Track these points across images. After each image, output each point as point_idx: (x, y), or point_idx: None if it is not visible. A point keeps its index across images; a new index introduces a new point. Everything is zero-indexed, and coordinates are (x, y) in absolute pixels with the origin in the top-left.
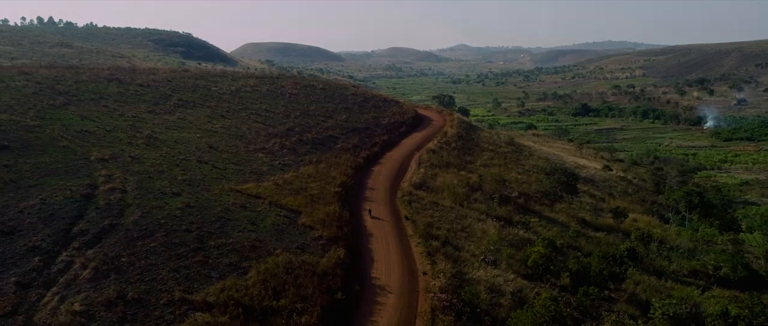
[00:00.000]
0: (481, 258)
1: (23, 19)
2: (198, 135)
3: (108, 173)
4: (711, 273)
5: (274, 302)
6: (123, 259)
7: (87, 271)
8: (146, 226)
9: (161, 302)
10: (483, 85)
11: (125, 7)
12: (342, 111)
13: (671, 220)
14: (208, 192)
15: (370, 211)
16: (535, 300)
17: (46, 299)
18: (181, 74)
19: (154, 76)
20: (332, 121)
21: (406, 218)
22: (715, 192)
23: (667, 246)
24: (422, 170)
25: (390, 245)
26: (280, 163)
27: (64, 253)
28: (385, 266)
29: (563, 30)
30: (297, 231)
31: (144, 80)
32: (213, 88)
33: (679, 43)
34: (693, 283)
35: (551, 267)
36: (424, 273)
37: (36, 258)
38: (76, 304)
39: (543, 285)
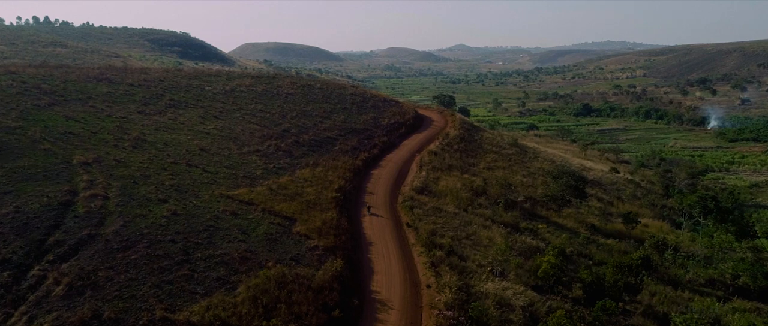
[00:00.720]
0: (489, 269)
1: (19, 18)
2: (189, 137)
3: (90, 178)
4: (729, 282)
5: (265, 322)
6: (100, 274)
7: (60, 288)
8: (128, 237)
9: (140, 322)
10: (483, 85)
11: (123, 6)
12: (340, 111)
13: (684, 225)
14: (197, 199)
15: (369, 209)
16: (548, 319)
17: (13, 319)
18: (175, 73)
19: (145, 76)
20: (330, 121)
21: (408, 225)
22: (727, 195)
23: (682, 253)
24: (424, 173)
25: (391, 255)
26: (274, 166)
27: (37, 267)
28: (386, 278)
29: (562, 30)
30: (291, 240)
31: (135, 79)
32: (207, 88)
33: (679, 43)
34: (711, 293)
35: (563, 278)
36: (428, 287)
37: (5, 273)
38: (45, 325)
39: (555, 298)
